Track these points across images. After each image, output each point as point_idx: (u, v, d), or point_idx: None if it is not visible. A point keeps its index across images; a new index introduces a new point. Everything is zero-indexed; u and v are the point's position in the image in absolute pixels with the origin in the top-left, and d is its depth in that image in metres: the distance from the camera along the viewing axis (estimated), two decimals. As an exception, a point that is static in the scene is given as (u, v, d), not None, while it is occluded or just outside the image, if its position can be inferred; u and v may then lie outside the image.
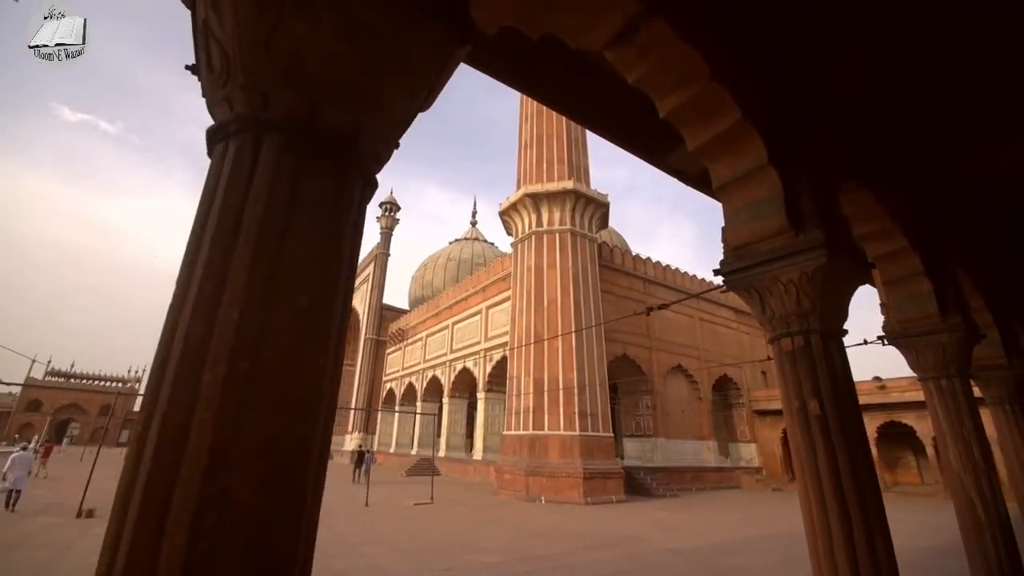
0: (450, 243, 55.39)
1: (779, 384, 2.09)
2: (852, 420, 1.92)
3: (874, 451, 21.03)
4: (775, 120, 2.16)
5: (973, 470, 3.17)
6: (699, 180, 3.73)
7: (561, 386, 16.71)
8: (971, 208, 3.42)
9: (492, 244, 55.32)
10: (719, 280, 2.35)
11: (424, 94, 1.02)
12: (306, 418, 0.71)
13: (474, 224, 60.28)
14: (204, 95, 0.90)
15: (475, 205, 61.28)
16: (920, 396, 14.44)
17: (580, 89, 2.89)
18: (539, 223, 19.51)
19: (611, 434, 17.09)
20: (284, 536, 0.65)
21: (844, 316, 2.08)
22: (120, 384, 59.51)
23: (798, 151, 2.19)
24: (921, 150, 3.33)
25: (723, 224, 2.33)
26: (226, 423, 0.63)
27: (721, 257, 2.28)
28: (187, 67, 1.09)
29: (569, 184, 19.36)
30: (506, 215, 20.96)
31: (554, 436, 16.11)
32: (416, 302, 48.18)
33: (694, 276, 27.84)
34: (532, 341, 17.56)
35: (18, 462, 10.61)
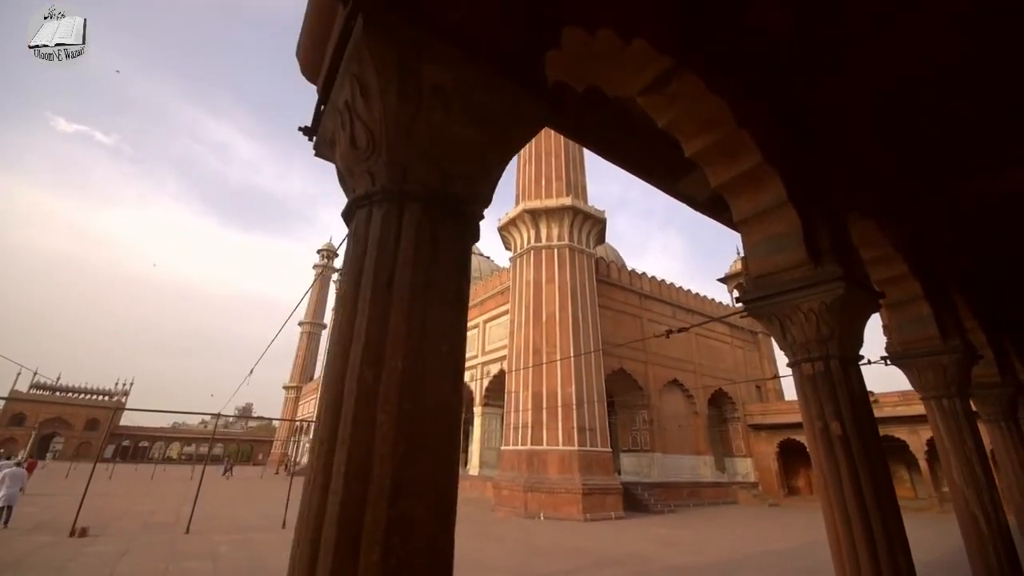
0: (445, 256, 55.59)
1: (800, 406, 2.23)
2: (871, 439, 2.07)
3: (868, 466, 21.23)
4: (792, 160, 2.34)
5: (975, 485, 3.32)
6: (708, 206, 3.90)
7: (560, 401, 16.74)
8: (967, 234, 3.64)
9: (487, 257, 55.53)
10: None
11: (511, 158, 1.17)
12: (452, 448, 0.84)
13: (469, 237, 60.54)
14: (340, 165, 1.04)
15: (470, 219, 61.46)
16: (911, 411, 14.73)
17: (593, 118, 3.05)
18: (538, 238, 19.74)
19: (609, 449, 17.09)
20: (447, 551, 0.77)
21: (860, 342, 2.23)
22: (107, 397, 58.29)
23: (813, 189, 2.37)
24: (920, 178, 3.55)
25: (743, 254, 2.50)
26: (400, 455, 0.75)
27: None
28: (301, 129, 1.23)
29: (567, 201, 19.67)
30: (505, 230, 21.17)
31: (553, 451, 16.07)
32: (411, 315, 48.08)
33: (689, 291, 28.17)
34: (531, 357, 17.62)
35: (11, 478, 10.39)
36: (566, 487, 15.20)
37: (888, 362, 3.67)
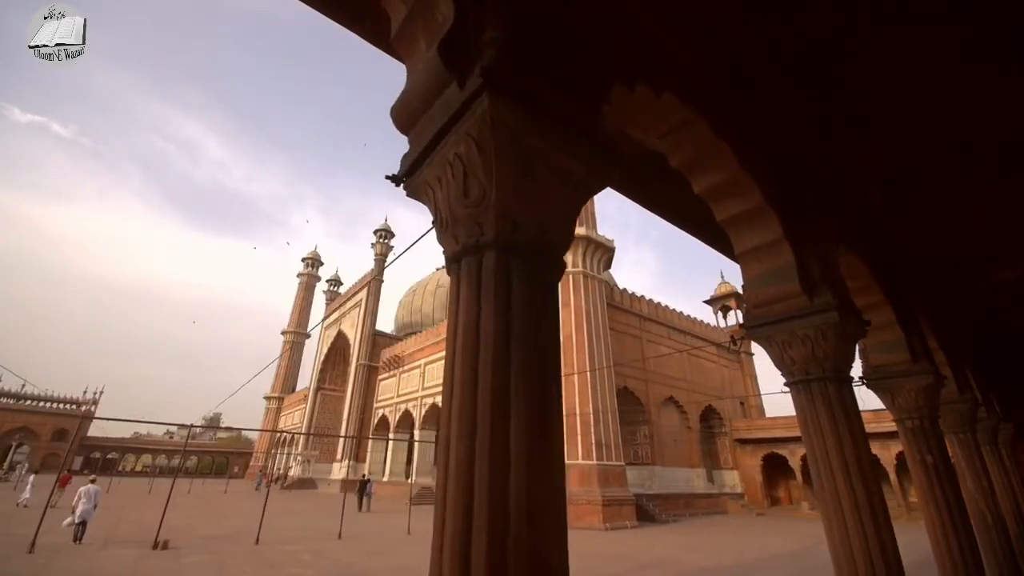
0: (437, 270, 56.35)
1: (904, 446, 3.74)
2: (948, 465, 3.58)
3: (844, 477, 23.41)
4: (909, 324, 3.88)
5: (982, 492, 4.94)
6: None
7: (578, 418, 18.11)
8: (975, 320, 5.32)
9: (478, 272, 56.56)
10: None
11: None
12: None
13: (460, 252, 61.53)
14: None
15: (462, 233, 62.40)
16: (881, 428, 16.87)
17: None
18: (554, 265, 21.22)
19: (623, 463, 18.55)
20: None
21: (938, 409, 3.76)
22: (74, 406, 55.71)
23: (910, 317, 3.92)
24: (939, 276, 5.20)
25: (863, 353, 4.02)
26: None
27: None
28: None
29: (582, 231, 21.30)
30: (521, 255, 22.55)
31: (574, 465, 17.38)
32: (404, 327, 48.56)
33: (681, 312, 30.21)
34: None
35: (86, 495, 10.89)
36: (587, 499, 16.53)
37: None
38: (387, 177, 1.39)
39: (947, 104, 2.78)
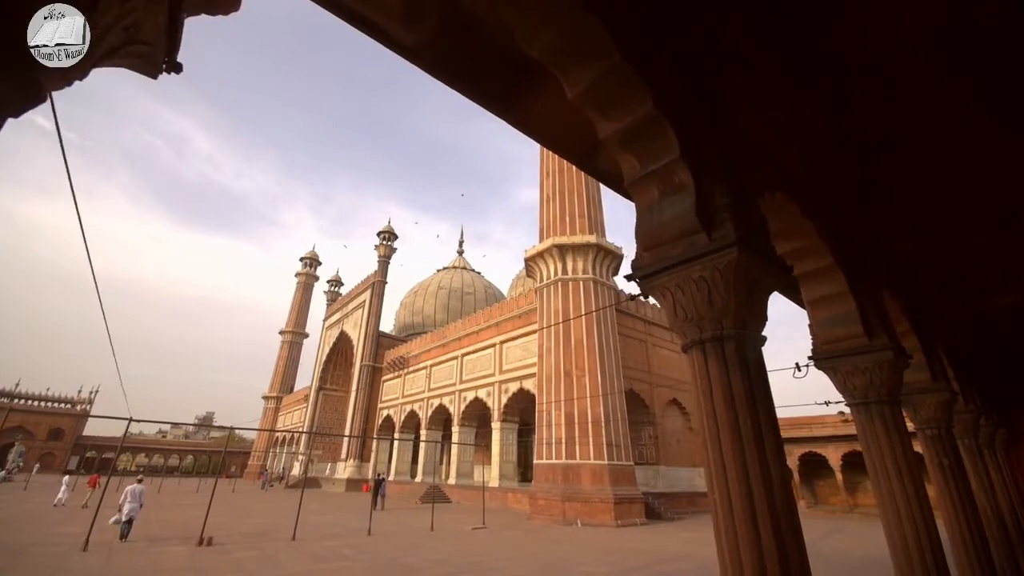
0: (438, 271, 56.93)
1: (924, 451, 4.45)
2: (961, 466, 4.31)
3: (839, 477, 24.36)
4: (922, 324, 4.60)
5: (984, 491, 5.69)
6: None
7: (590, 419, 18.83)
8: (974, 337, 6.10)
9: (479, 273, 57.40)
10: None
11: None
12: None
13: (461, 253, 62.26)
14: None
15: (462, 235, 63.19)
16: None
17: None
18: (564, 271, 21.92)
19: (632, 462, 19.29)
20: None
21: (952, 418, 4.48)
22: (69, 405, 55.45)
23: (929, 334, 4.64)
24: (949, 304, 5.94)
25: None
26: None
27: None
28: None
29: (592, 238, 22.01)
30: (532, 261, 23.22)
31: (586, 465, 18.10)
32: (405, 328, 49.04)
33: (682, 317, 31.06)
34: (562, 379, 19.68)
35: (132, 494, 11.36)
36: (599, 497, 17.24)
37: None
38: (626, 277, 2.07)
39: (975, 174, 3.49)
